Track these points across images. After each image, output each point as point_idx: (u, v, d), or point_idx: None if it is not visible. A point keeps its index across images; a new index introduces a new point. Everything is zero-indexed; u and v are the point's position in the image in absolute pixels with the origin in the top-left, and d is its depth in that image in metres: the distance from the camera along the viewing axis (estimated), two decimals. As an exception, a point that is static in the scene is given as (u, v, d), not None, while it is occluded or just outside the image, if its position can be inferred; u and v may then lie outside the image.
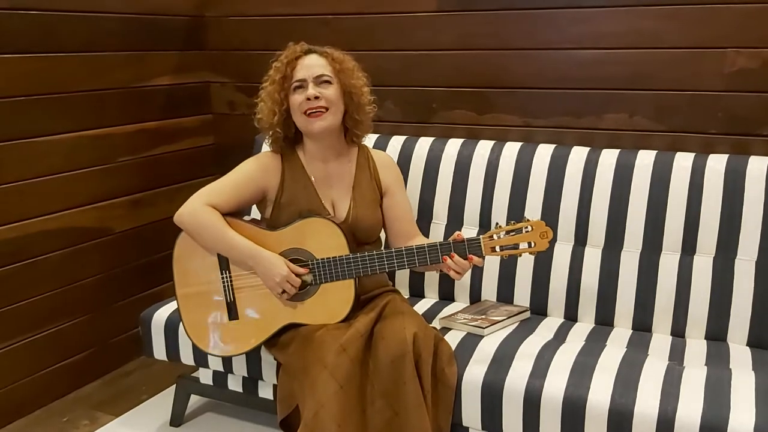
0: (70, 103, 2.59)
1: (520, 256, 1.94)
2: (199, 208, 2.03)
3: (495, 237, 1.92)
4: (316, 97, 2.02)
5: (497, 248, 1.92)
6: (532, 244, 1.91)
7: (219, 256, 2.06)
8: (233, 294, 2.05)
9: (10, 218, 2.44)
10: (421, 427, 1.82)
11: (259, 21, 2.97)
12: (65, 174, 2.60)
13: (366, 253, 1.97)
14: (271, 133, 2.12)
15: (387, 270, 1.99)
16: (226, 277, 2.06)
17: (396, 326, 1.90)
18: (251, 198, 2.12)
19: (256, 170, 2.12)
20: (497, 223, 1.97)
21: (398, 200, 2.22)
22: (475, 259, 1.92)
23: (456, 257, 1.91)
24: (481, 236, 1.93)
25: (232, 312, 2.06)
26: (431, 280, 2.48)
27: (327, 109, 2.03)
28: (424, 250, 1.94)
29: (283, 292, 1.99)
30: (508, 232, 1.92)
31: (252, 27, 2.99)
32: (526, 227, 1.91)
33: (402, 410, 1.84)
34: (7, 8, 2.35)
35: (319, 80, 2.04)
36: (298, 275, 1.98)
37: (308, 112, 2.03)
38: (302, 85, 2.04)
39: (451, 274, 1.93)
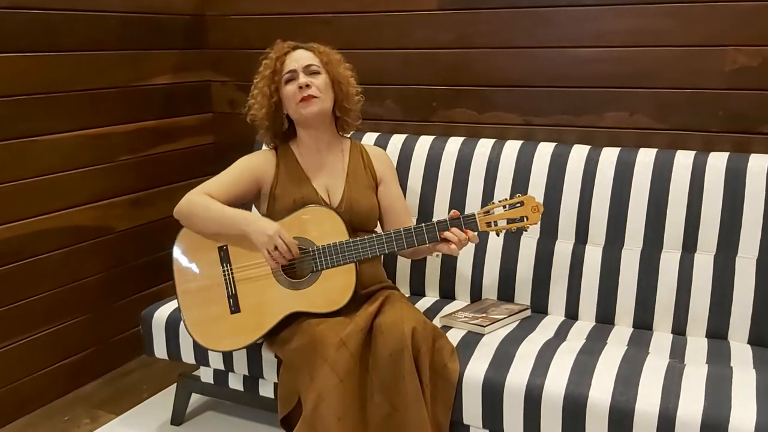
0: (69, 102, 2.59)
1: (514, 230, 2.01)
2: (195, 195, 2.10)
3: (489, 212, 1.99)
4: (308, 86, 2.10)
5: (492, 223, 1.99)
6: (525, 219, 1.98)
7: (219, 249, 2.08)
8: (234, 287, 2.06)
9: (9, 218, 2.43)
10: (419, 422, 1.83)
11: (259, 20, 2.97)
12: (65, 173, 2.60)
13: (366, 237, 2.02)
14: (265, 129, 2.21)
15: (387, 251, 2.02)
16: (227, 270, 2.07)
17: (395, 320, 1.91)
18: (246, 191, 2.17)
19: (251, 164, 2.21)
20: (492, 201, 2.02)
21: (392, 190, 2.27)
22: (471, 234, 1.99)
23: (455, 229, 1.98)
24: (476, 212, 1.99)
25: (234, 305, 2.06)
26: (432, 278, 2.48)
27: (317, 96, 2.11)
28: (422, 229, 1.99)
29: (275, 250, 1.97)
30: (501, 208, 1.99)
31: (252, 26, 2.99)
32: (519, 202, 1.99)
33: (401, 406, 1.84)
34: (6, 7, 2.35)
35: (309, 70, 2.13)
36: (293, 256, 2.00)
37: (301, 100, 2.10)
38: (293, 76, 2.13)
39: (452, 249, 1.97)
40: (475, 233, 2.00)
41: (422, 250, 2.13)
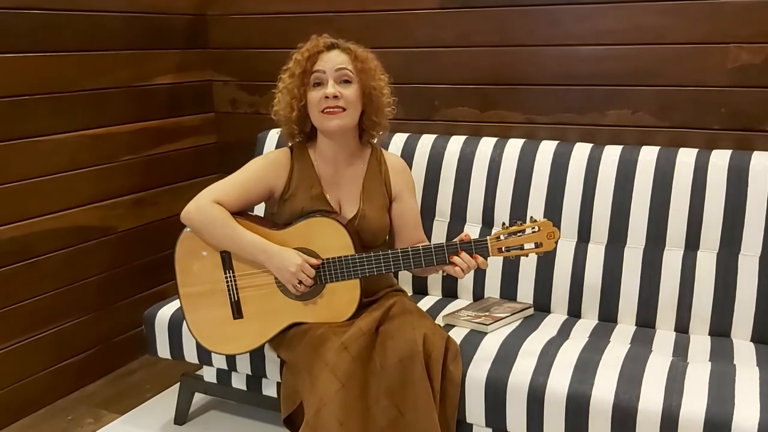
0: (72, 103, 2.59)
1: (527, 256, 1.93)
2: (207, 205, 2.01)
3: (501, 237, 1.91)
4: (335, 96, 1.97)
5: (504, 249, 1.91)
6: (539, 245, 1.90)
7: (222, 255, 2.05)
8: (237, 293, 2.05)
9: (13, 217, 2.44)
10: (429, 427, 1.81)
11: (260, 19, 2.97)
12: (68, 173, 2.60)
13: (372, 253, 1.96)
14: (287, 127, 2.10)
15: (393, 270, 1.97)
16: (230, 277, 2.05)
17: (405, 326, 1.90)
18: (258, 197, 2.11)
19: (264, 170, 2.10)
20: (504, 223, 1.95)
21: (407, 207, 2.18)
22: (480, 259, 1.92)
23: (464, 254, 1.91)
24: (487, 237, 1.92)
25: (237, 311, 2.06)
26: (434, 277, 2.48)
27: (344, 109, 1.99)
28: (430, 250, 1.93)
29: (299, 283, 1.96)
30: (514, 233, 1.90)
31: (254, 25, 2.99)
32: (533, 227, 1.90)
33: (408, 410, 1.83)
34: (8, 7, 2.36)
35: (340, 77, 2.00)
36: (311, 266, 1.96)
37: (325, 110, 1.99)
38: (321, 81, 2.00)
39: (456, 271, 1.92)
40: (485, 259, 1.92)
41: (428, 269, 2.05)
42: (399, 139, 2.59)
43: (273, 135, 2.70)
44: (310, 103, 2.02)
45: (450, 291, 2.47)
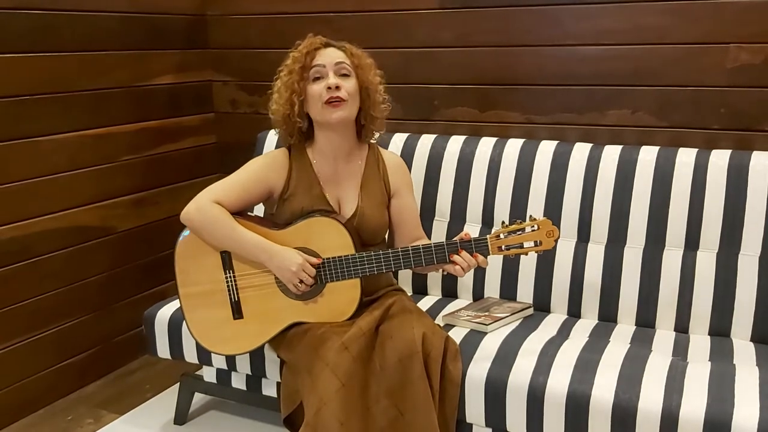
0: (72, 103, 2.59)
1: (527, 255, 1.93)
2: (207, 205, 2.02)
3: (501, 236, 1.92)
4: (337, 87, 2.00)
5: (503, 247, 1.92)
6: (539, 243, 1.91)
7: (222, 255, 2.05)
8: (237, 293, 2.05)
9: (13, 217, 2.44)
10: (429, 427, 1.81)
11: (260, 19, 2.97)
12: (68, 173, 2.60)
13: (372, 253, 1.96)
14: (285, 126, 2.10)
15: (393, 269, 1.98)
16: (230, 277, 2.05)
17: (404, 326, 1.90)
18: (258, 198, 2.11)
19: (264, 170, 2.11)
20: (503, 222, 1.96)
21: (406, 204, 2.20)
22: (480, 258, 1.93)
23: (464, 253, 1.92)
24: (487, 236, 1.93)
25: (237, 311, 2.06)
26: (434, 277, 2.48)
27: (345, 100, 2.01)
28: (431, 249, 1.94)
29: (300, 282, 1.96)
30: (514, 232, 1.91)
31: (254, 25, 2.99)
32: (533, 226, 1.91)
33: (408, 410, 1.83)
34: (8, 8, 2.36)
35: (339, 71, 2.03)
36: (312, 265, 1.97)
37: (329, 100, 2.00)
38: (321, 74, 2.02)
39: (456, 270, 1.93)
40: (485, 258, 1.93)
41: (428, 267, 2.06)
42: (399, 139, 2.59)
43: (272, 135, 2.70)
44: (311, 96, 2.03)
45: (450, 291, 2.47)
